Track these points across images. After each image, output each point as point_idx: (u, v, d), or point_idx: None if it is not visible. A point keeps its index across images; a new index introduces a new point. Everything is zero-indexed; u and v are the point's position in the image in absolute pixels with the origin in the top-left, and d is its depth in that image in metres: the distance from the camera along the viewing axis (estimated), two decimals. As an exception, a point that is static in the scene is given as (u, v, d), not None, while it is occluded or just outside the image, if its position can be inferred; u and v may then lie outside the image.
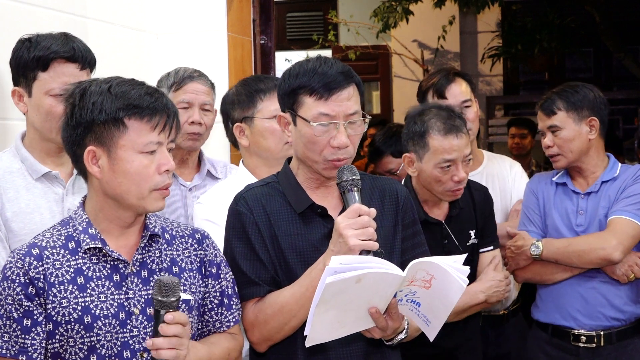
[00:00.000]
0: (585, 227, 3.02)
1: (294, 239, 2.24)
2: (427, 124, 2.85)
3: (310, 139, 2.20)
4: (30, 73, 2.44)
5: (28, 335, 1.94)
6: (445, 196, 2.89)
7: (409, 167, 2.93)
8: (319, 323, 1.97)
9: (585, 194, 3.06)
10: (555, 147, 3.06)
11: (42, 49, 2.43)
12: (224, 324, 2.18)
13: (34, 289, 1.95)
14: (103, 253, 2.02)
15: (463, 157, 2.84)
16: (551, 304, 3.07)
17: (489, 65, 8.52)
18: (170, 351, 1.91)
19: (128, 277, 2.04)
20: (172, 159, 2.03)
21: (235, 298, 2.20)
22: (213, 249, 2.19)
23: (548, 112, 3.09)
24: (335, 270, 1.92)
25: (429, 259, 2.01)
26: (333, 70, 2.18)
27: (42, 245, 2.00)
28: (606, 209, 3.00)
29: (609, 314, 3.01)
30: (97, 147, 2.00)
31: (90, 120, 1.98)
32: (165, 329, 1.92)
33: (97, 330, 1.97)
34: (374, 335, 2.11)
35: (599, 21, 7.83)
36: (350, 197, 2.14)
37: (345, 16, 8.70)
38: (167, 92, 3.18)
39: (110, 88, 2.00)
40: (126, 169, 1.98)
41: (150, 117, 1.99)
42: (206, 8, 3.94)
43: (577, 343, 3.02)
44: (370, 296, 2.00)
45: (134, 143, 1.98)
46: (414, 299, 2.09)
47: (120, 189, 2.00)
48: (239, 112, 2.90)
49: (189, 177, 3.22)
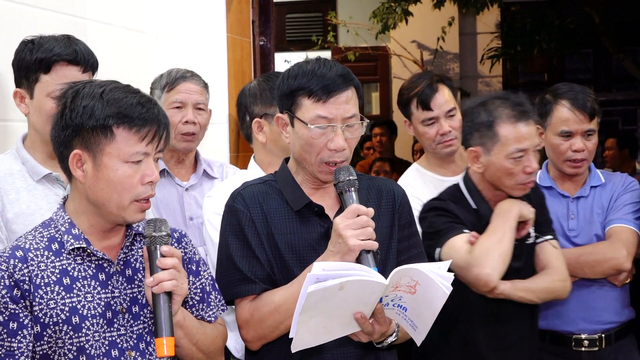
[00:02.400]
0: (577, 233, 3.01)
1: (291, 238, 2.24)
2: (494, 113, 2.70)
3: (308, 141, 2.20)
4: (33, 75, 2.44)
5: (14, 338, 1.92)
6: (515, 190, 2.72)
7: (474, 163, 2.76)
8: (304, 330, 1.98)
9: (575, 198, 3.03)
10: (586, 152, 2.96)
11: (45, 51, 2.43)
12: (205, 319, 2.19)
13: (20, 291, 1.93)
14: (87, 253, 2.02)
15: (534, 147, 2.70)
16: (549, 311, 3.03)
17: (488, 66, 8.51)
18: (171, 282, 1.95)
19: (113, 276, 2.04)
20: (157, 171, 2.01)
21: (215, 294, 2.21)
22: (192, 247, 2.20)
23: (592, 115, 2.96)
24: (317, 277, 1.92)
25: (412, 266, 2.01)
26: (332, 73, 2.18)
27: (26, 247, 1.98)
28: (601, 216, 2.99)
29: (609, 317, 3.01)
30: (83, 151, 1.98)
31: (79, 123, 1.97)
32: (163, 261, 1.96)
33: (85, 331, 1.97)
34: (362, 339, 2.12)
35: (599, 22, 7.83)
36: (348, 197, 2.14)
37: (345, 17, 8.70)
38: (161, 93, 3.19)
39: (103, 93, 1.98)
40: (110, 176, 1.97)
41: (140, 127, 1.97)
42: (205, 9, 3.94)
43: (579, 348, 3.00)
44: (355, 302, 1.99)
45: (120, 152, 1.96)
46: (400, 304, 2.08)
47: (101, 196, 1.99)
48: (260, 107, 2.90)
49: (186, 177, 3.22)
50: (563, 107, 2.97)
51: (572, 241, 3.01)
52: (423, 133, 3.17)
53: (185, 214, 3.16)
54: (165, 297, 1.96)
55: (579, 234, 3.01)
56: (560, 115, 2.97)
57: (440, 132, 3.13)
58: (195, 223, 3.16)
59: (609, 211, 2.99)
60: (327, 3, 9.29)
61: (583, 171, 3.02)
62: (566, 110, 2.97)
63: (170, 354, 1.94)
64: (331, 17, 8.61)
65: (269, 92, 2.89)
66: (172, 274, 1.96)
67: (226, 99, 3.86)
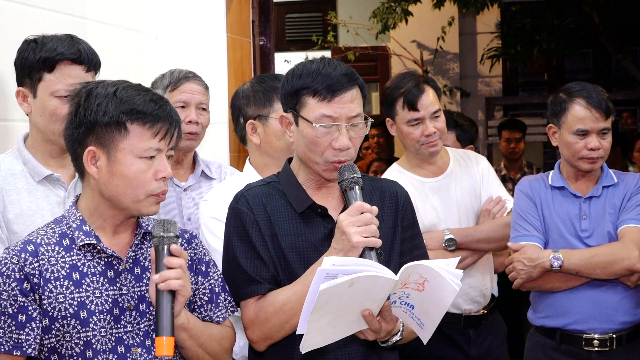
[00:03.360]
0: (590, 233, 2.98)
1: (294, 239, 2.24)
2: None
3: (312, 140, 2.20)
4: (36, 74, 2.45)
5: (22, 330, 1.96)
6: None
7: None
8: (314, 329, 1.97)
9: (587, 198, 3.02)
10: (601, 150, 2.96)
11: (48, 51, 2.44)
12: (213, 320, 2.20)
13: (29, 284, 1.97)
14: (97, 250, 2.05)
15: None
16: (560, 309, 3.02)
17: (488, 66, 8.51)
18: (177, 281, 1.96)
19: (122, 273, 2.07)
20: (169, 167, 2.06)
21: (224, 295, 2.22)
22: (202, 248, 2.22)
23: (608, 114, 2.97)
24: (327, 272, 1.92)
25: (422, 262, 2.01)
26: (337, 72, 2.19)
27: (37, 242, 2.03)
28: (614, 216, 2.97)
29: (621, 317, 2.98)
30: (97, 148, 2.03)
31: (93, 120, 2.01)
32: (171, 260, 1.99)
33: (92, 326, 2.00)
34: (368, 337, 2.11)
35: (598, 22, 7.84)
36: (352, 195, 2.14)
37: (345, 17, 8.70)
38: (163, 92, 3.20)
39: (116, 91, 2.03)
40: (124, 172, 2.02)
41: (153, 123, 2.02)
42: (205, 9, 3.94)
43: (589, 348, 2.98)
44: (363, 299, 1.99)
45: (134, 147, 2.01)
46: (408, 302, 2.08)
47: (116, 191, 2.03)
48: (254, 109, 2.90)
49: (184, 177, 3.23)
50: (578, 105, 2.97)
51: (585, 242, 2.99)
52: (407, 133, 3.19)
53: (183, 215, 3.16)
54: (168, 297, 1.98)
55: (591, 235, 2.99)
56: (576, 113, 2.97)
57: (425, 133, 3.16)
58: (193, 223, 3.16)
59: (621, 211, 2.97)
60: (327, 3, 9.28)
61: (598, 167, 3.02)
62: (582, 109, 2.97)
63: (169, 354, 1.95)
64: (331, 17, 8.61)
65: (262, 93, 2.89)
66: (179, 274, 1.99)
67: (226, 99, 3.86)
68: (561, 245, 3.00)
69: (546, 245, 3.03)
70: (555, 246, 3.00)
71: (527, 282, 3.00)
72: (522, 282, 3.00)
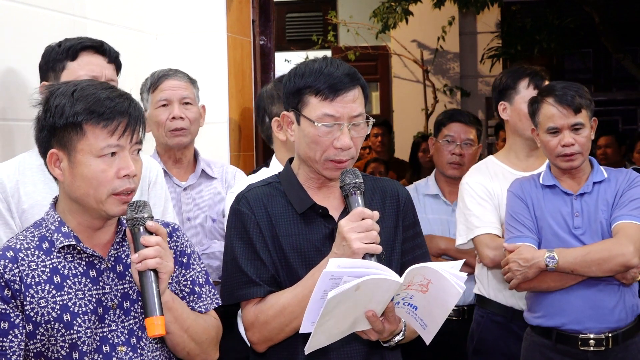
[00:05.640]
0: (583, 230, 2.98)
1: (295, 240, 2.24)
2: None
3: (314, 139, 2.20)
4: (59, 64, 2.51)
5: (5, 338, 1.94)
6: None
7: None
8: (320, 332, 1.98)
9: (578, 195, 3.02)
10: (577, 146, 2.98)
11: (72, 41, 2.54)
12: (195, 310, 2.17)
13: (10, 291, 1.95)
14: (77, 250, 2.03)
15: None
16: (556, 309, 3.01)
17: (488, 65, 8.52)
18: (155, 259, 1.95)
19: (104, 272, 2.05)
20: (133, 165, 2.01)
21: (208, 287, 2.20)
22: (184, 240, 2.20)
23: (575, 109, 2.99)
24: (332, 274, 1.92)
25: (427, 265, 2.01)
26: (339, 72, 2.19)
27: (17, 248, 2.00)
28: (606, 212, 2.97)
29: (616, 316, 2.98)
30: (59, 150, 2.00)
31: (52, 123, 1.99)
32: (147, 239, 1.97)
33: (77, 328, 1.99)
34: (370, 337, 2.11)
35: (598, 22, 7.83)
36: (354, 200, 2.14)
37: (345, 17, 8.70)
38: (147, 95, 3.22)
39: (74, 92, 1.99)
40: (84, 173, 1.98)
41: (108, 121, 1.98)
42: (205, 9, 3.94)
43: (585, 347, 2.97)
44: (368, 301, 2.00)
45: (91, 147, 1.98)
46: (411, 302, 2.08)
47: (79, 192, 2.00)
48: (278, 107, 2.93)
49: (184, 177, 3.22)
50: (547, 104, 3.02)
51: (580, 239, 2.99)
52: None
53: (182, 214, 3.15)
54: (152, 276, 1.95)
55: (585, 232, 2.98)
56: (546, 112, 3.02)
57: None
58: (192, 223, 3.16)
59: (614, 207, 2.97)
60: (327, 2, 9.29)
61: (578, 165, 3.02)
62: (550, 107, 3.02)
63: (161, 332, 1.93)
64: (331, 17, 8.62)
65: None
66: (157, 251, 1.96)
67: (226, 98, 3.87)
68: (555, 243, 2.99)
69: (540, 244, 3.03)
70: (549, 245, 3.00)
71: (523, 282, 2.99)
72: (518, 282, 2.99)
